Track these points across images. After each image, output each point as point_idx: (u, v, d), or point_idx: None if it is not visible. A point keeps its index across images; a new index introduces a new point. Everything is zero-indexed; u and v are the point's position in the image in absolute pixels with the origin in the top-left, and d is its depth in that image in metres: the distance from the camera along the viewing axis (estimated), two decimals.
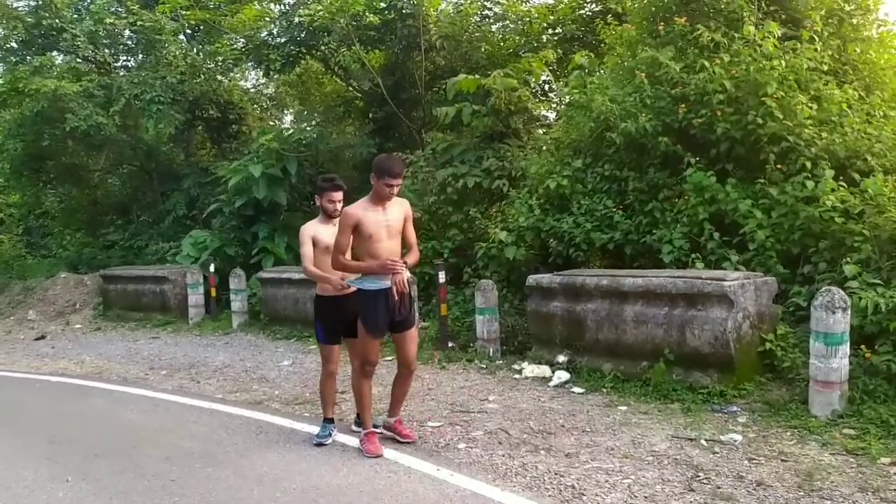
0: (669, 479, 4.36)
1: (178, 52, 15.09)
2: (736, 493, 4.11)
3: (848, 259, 5.85)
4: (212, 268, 11.86)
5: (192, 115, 15.69)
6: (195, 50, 16.06)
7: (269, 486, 4.50)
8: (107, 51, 16.22)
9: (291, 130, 14.47)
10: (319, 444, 5.20)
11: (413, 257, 5.00)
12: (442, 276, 8.35)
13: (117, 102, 14.10)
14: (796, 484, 4.18)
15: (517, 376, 7.07)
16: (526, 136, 10.65)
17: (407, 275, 4.83)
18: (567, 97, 9.48)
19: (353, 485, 4.48)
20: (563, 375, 6.75)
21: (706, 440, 4.98)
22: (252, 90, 18.85)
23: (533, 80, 11.15)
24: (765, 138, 6.92)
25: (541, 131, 11.50)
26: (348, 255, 4.88)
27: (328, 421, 5.39)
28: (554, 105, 13.03)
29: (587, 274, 7.09)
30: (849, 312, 5.10)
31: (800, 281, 6.50)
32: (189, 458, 5.12)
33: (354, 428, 5.48)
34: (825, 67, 7.44)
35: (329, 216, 5.27)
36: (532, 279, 7.49)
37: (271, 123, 17.48)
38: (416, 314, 5.39)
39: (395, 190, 4.73)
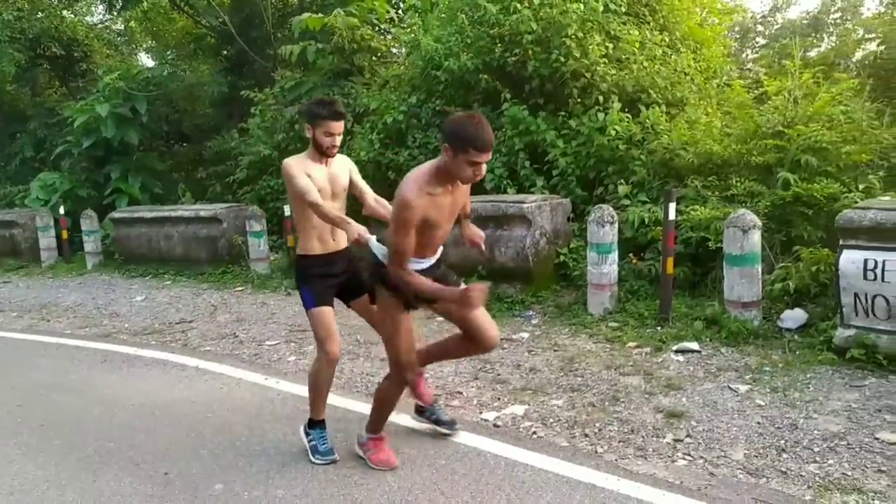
0: (462, 372, 5.17)
1: None
2: (511, 377, 4.97)
3: (622, 181, 6.81)
4: (61, 210, 11.78)
5: (34, 54, 15.06)
6: None
7: (109, 405, 4.94)
8: None
9: (139, 69, 14.22)
10: (331, 462, 3.76)
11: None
12: (287, 210, 8.81)
13: None
14: (559, 367, 5.10)
15: None
16: (370, 73, 11.09)
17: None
18: (402, 36, 9.97)
19: (188, 398, 5.01)
20: None
21: (501, 340, 5.83)
22: (99, 26, 18.12)
23: (376, 18, 11.52)
24: (567, 75, 7.72)
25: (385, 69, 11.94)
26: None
27: (318, 424, 3.90)
28: (400, 43, 13.45)
29: None
30: (616, 225, 6.04)
31: (595, 202, 7.42)
32: (34, 387, 5.47)
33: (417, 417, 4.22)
34: (623, 9, 8.29)
35: (323, 153, 3.76)
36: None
37: (120, 61, 16.96)
38: None
39: (483, 170, 3.15)
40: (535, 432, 4.07)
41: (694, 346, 5.16)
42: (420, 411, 4.17)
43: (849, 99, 6.59)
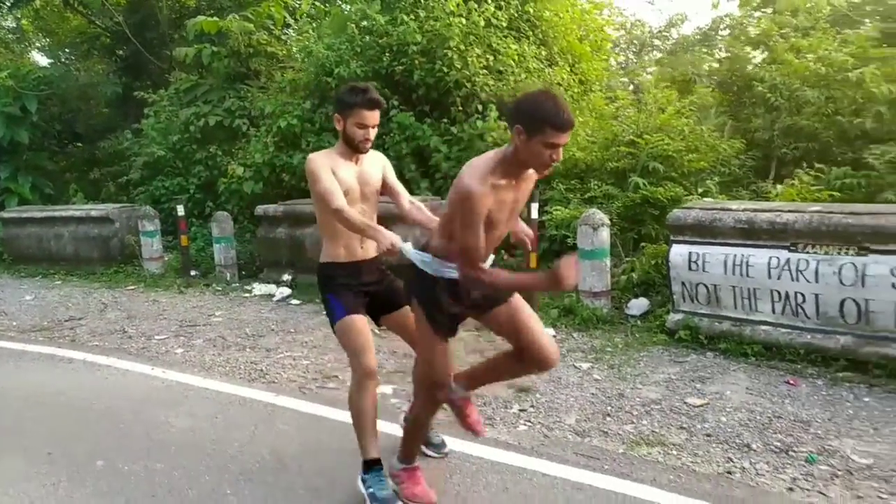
0: (339, 360, 5.54)
1: None
2: (386, 363, 5.37)
3: None
4: None
5: None
6: None
7: None
8: None
9: (30, 67, 13.96)
10: None
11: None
12: (181, 210, 8.99)
13: None
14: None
15: (247, 295, 8.03)
16: (267, 77, 11.33)
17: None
18: (294, 44, 10.29)
19: (74, 388, 5.21)
20: (284, 291, 7.81)
21: (380, 330, 6.26)
22: None
23: (273, 24, 11.77)
24: (450, 84, 8.26)
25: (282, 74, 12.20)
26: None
27: (373, 466, 3.26)
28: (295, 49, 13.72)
29: (306, 203, 8.13)
30: None
31: None
32: None
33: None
34: (504, 24, 8.89)
35: (355, 149, 3.24)
36: (260, 209, 8.41)
37: (11, 60, 16.50)
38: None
39: (560, 155, 2.67)
40: (399, 408, 4.49)
41: (550, 331, 5.73)
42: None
43: (696, 113, 7.37)
